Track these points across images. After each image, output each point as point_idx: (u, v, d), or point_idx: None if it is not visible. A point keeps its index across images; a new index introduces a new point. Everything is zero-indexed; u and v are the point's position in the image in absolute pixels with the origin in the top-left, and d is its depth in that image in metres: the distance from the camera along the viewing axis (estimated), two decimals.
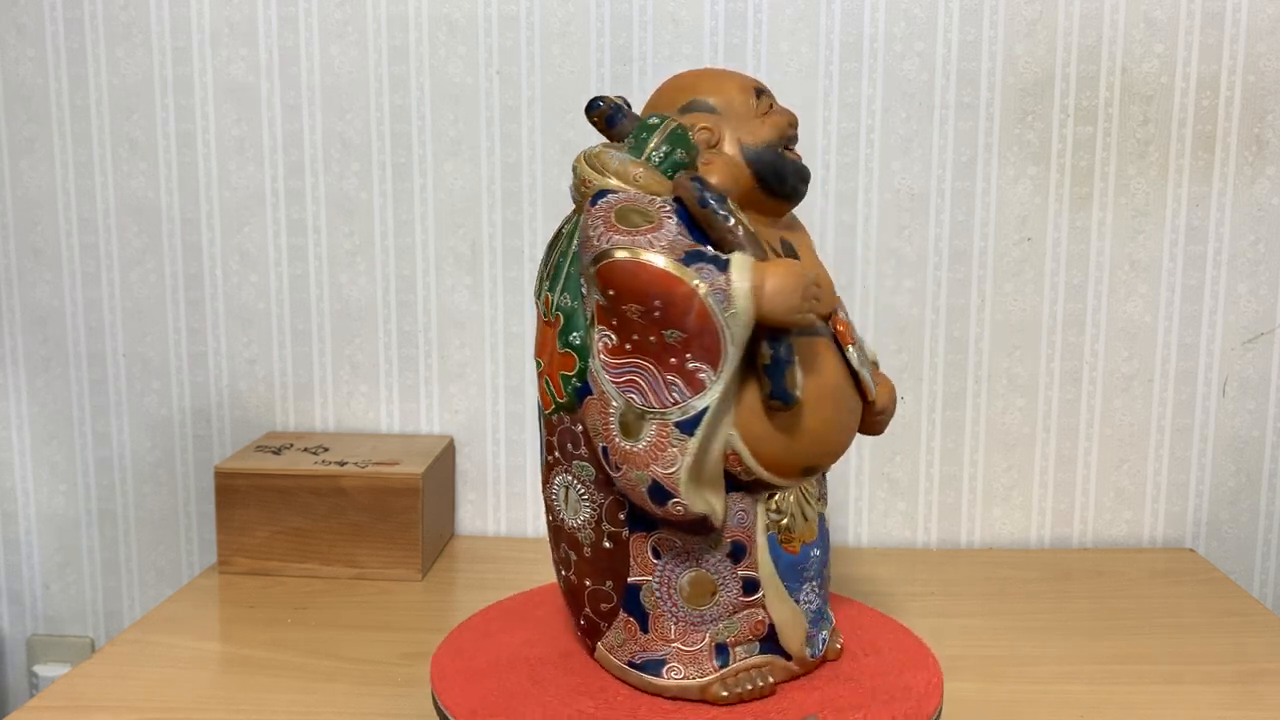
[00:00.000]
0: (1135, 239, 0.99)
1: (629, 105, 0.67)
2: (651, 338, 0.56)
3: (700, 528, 0.60)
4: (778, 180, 0.64)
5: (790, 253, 0.64)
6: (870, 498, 1.03)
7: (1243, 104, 0.97)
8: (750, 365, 0.58)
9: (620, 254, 0.56)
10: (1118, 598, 0.89)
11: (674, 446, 0.56)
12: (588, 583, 0.64)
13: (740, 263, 0.57)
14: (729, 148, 0.63)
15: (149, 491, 1.07)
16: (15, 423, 1.07)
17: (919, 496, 1.03)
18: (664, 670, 0.62)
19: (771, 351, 0.57)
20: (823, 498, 0.65)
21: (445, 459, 1.00)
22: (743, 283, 0.56)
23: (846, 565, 0.96)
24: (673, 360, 0.56)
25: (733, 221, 0.59)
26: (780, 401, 0.57)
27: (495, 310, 1.02)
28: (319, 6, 0.99)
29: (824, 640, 0.65)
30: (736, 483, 0.60)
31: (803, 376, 0.59)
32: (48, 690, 0.72)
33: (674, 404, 0.56)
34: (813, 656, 0.64)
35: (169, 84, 1.01)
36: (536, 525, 1.05)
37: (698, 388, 0.56)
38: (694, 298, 0.55)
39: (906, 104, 0.98)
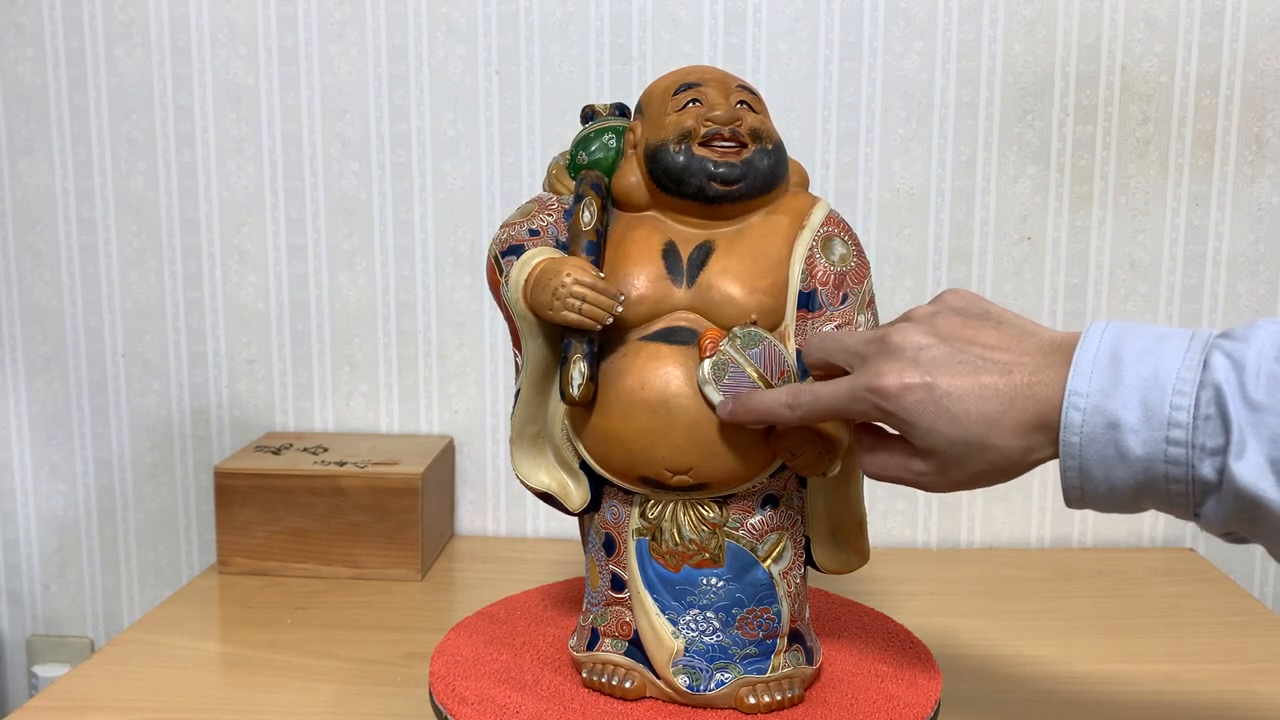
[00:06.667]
0: (1135, 238, 0.99)
1: (627, 110, 0.67)
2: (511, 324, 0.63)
3: (559, 506, 0.64)
4: (671, 179, 0.60)
5: (701, 260, 0.61)
6: (870, 497, 1.03)
7: (1242, 103, 0.97)
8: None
9: (489, 249, 0.63)
10: (1118, 598, 0.89)
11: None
12: None
13: (525, 258, 0.60)
14: (639, 148, 0.63)
15: (148, 491, 1.07)
16: (15, 423, 1.07)
17: (919, 496, 1.02)
18: (571, 635, 0.67)
19: (561, 347, 0.60)
20: (747, 535, 0.61)
21: (445, 459, 1.00)
22: (517, 277, 0.60)
23: None
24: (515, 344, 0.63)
25: (583, 216, 0.61)
26: (561, 397, 0.60)
27: (495, 310, 1.02)
28: (318, 6, 0.99)
29: (720, 682, 0.60)
30: (608, 479, 0.62)
31: (588, 376, 0.58)
32: (47, 690, 0.72)
33: (516, 381, 0.64)
34: (691, 689, 0.60)
35: (168, 83, 1.01)
36: (536, 525, 1.05)
37: (518, 371, 0.63)
38: (498, 289, 0.62)
39: (906, 104, 0.98)
